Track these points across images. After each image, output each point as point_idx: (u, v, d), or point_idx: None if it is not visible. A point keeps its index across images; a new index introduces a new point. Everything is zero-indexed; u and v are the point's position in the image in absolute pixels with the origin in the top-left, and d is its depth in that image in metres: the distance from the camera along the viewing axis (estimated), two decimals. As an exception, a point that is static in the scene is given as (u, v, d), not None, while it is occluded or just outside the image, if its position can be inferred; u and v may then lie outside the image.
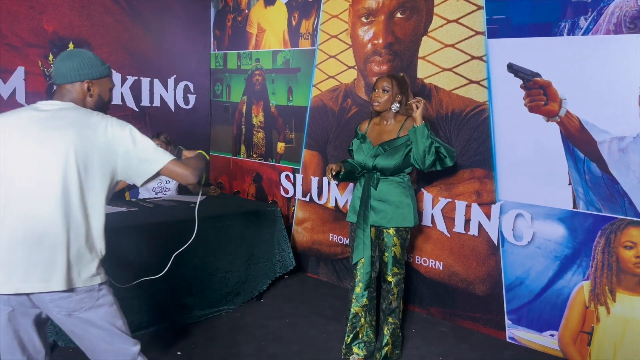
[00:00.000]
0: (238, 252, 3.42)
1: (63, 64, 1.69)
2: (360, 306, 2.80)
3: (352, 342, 2.83)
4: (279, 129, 4.34)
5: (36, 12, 3.64)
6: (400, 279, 2.78)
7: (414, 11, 3.40)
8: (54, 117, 1.62)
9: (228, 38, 4.70)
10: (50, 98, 1.93)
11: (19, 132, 1.59)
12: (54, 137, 1.58)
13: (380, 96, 2.72)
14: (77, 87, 1.70)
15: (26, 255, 1.53)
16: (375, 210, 2.72)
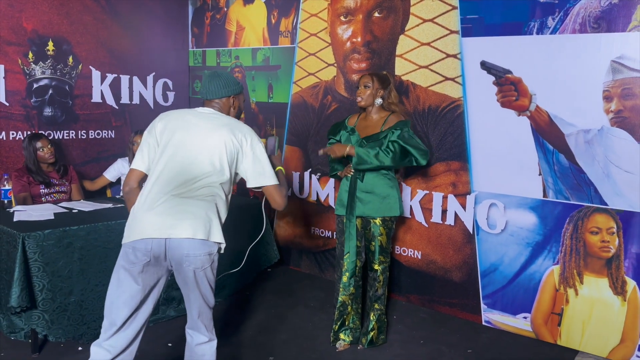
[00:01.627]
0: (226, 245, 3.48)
1: (212, 83, 2.13)
2: (347, 295, 2.93)
3: (339, 329, 2.95)
4: (260, 125, 4.42)
5: (15, 11, 3.61)
6: (386, 267, 2.92)
7: (391, 11, 3.52)
8: (213, 117, 2.08)
9: (207, 35, 4.74)
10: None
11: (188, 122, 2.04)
12: (213, 130, 2.02)
13: (362, 92, 2.86)
14: (224, 100, 2.16)
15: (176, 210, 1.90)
16: (363, 202, 2.84)
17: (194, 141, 1.98)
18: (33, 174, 3.35)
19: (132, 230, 1.90)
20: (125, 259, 1.89)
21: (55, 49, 3.84)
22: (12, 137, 3.68)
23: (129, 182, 2.05)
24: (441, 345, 3.02)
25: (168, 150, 1.97)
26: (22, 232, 2.58)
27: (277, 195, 2.08)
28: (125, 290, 1.89)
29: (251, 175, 2.05)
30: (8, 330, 2.81)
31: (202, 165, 1.96)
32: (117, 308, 1.90)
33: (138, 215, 1.91)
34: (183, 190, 1.92)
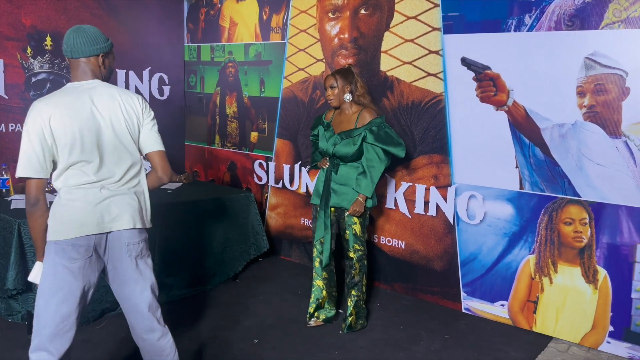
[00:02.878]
0: (214, 235, 3.63)
1: (77, 39, 1.88)
2: (321, 279, 3.12)
3: (315, 311, 3.13)
4: (252, 119, 4.54)
5: (14, 7, 3.74)
6: (362, 255, 3.05)
7: (377, 8, 3.63)
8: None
9: (201, 31, 4.86)
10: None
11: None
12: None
13: (331, 94, 2.98)
14: (92, 60, 1.91)
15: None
16: (337, 193, 2.98)
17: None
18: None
19: (69, 226, 1.81)
20: (63, 256, 1.81)
21: (53, 44, 3.97)
22: (11, 129, 3.81)
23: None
24: (420, 331, 3.15)
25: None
26: (18, 219, 2.72)
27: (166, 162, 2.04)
28: (64, 287, 1.82)
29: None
30: (5, 312, 2.97)
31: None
32: (59, 308, 1.81)
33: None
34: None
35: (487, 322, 3.30)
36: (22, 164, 1.78)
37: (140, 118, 1.96)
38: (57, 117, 1.79)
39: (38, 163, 1.77)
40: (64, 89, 1.90)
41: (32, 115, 1.80)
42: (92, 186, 1.84)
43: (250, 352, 2.83)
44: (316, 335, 3.05)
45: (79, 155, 1.82)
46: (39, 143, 1.77)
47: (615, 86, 2.78)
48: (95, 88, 1.90)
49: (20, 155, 1.79)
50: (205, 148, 4.98)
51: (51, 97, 1.86)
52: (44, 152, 1.78)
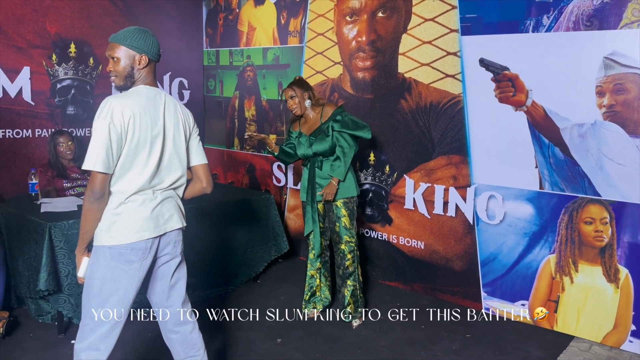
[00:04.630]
0: (236, 237, 3.69)
1: (149, 38, 1.96)
2: (315, 269, 3.34)
3: (310, 298, 3.35)
4: (271, 122, 4.60)
5: (39, 15, 3.85)
6: (353, 246, 3.17)
7: (394, 11, 3.67)
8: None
9: (220, 36, 4.93)
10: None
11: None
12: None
13: (293, 104, 3.14)
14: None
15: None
16: (322, 187, 3.14)
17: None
18: (55, 169, 3.58)
19: (129, 231, 1.87)
20: (120, 259, 1.86)
21: (77, 50, 4.07)
22: (38, 134, 3.92)
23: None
24: (441, 330, 3.17)
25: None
26: (49, 222, 2.80)
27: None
28: (120, 289, 1.88)
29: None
30: (36, 313, 3.06)
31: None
32: (115, 307, 1.88)
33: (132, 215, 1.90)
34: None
35: (507, 321, 3.32)
36: (93, 158, 1.76)
37: (190, 132, 2.06)
38: (135, 119, 1.82)
39: (108, 158, 1.77)
40: (139, 92, 1.91)
41: (112, 111, 1.78)
42: (147, 192, 1.90)
43: (273, 352, 2.88)
44: (337, 334, 3.10)
45: (140, 162, 1.86)
46: (116, 140, 1.78)
47: (635, 85, 2.79)
48: (163, 97, 1.96)
49: (91, 148, 1.76)
50: (224, 151, 5.05)
51: (128, 98, 1.86)
52: (115, 148, 1.79)
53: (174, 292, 2.07)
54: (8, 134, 3.78)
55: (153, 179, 1.91)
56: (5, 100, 3.74)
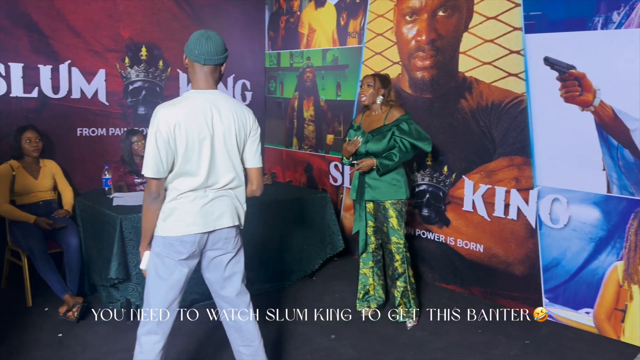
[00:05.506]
0: (293, 234, 3.77)
1: (209, 45, 1.97)
2: (368, 268, 3.36)
3: (363, 297, 3.38)
4: (328, 122, 4.66)
5: (114, 21, 4.10)
6: (401, 247, 3.16)
7: (455, 9, 3.62)
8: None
9: (281, 38, 5.05)
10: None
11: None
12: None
13: (366, 91, 3.14)
14: (219, 68, 2.06)
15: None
16: (372, 187, 3.15)
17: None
18: (128, 165, 3.80)
19: (179, 225, 1.98)
20: (170, 250, 1.98)
21: (147, 54, 4.30)
22: (112, 133, 4.18)
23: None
24: (499, 335, 3.10)
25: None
26: (120, 214, 2.99)
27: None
28: (171, 276, 2.00)
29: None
30: (107, 300, 3.26)
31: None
32: (167, 294, 2.00)
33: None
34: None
35: (570, 329, 3.19)
36: (148, 165, 1.91)
37: (247, 133, 2.09)
38: (180, 125, 1.90)
39: (157, 165, 1.91)
40: (188, 97, 1.98)
41: (157, 120, 1.90)
42: (199, 191, 2.00)
43: (328, 347, 2.92)
44: (392, 334, 3.10)
45: (192, 164, 1.95)
46: (164, 147, 1.90)
47: None
48: (216, 100, 1.99)
49: (145, 156, 1.92)
50: (283, 150, 5.17)
51: (176, 104, 1.94)
52: (166, 156, 1.91)
53: (228, 284, 2.14)
54: (85, 132, 4.05)
55: (207, 179, 1.98)
56: (83, 100, 4.02)
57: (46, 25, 3.78)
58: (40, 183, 3.50)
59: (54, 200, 3.58)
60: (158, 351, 2.01)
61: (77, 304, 3.08)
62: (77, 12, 3.91)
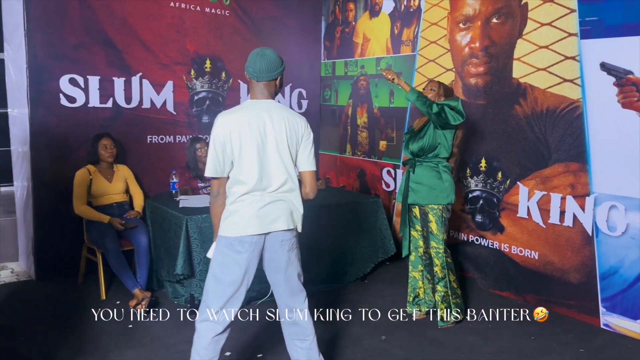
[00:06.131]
0: (345, 237, 3.89)
1: (262, 62, 2.16)
2: (417, 271, 3.41)
3: (413, 300, 3.43)
4: (381, 128, 4.76)
5: (181, 36, 4.40)
6: (440, 252, 3.19)
7: (509, 16, 3.63)
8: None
9: (336, 48, 5.21)
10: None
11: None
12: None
13: (427, 93, 3.20)
14: (271, 83, 2.24)
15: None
16: (414, 191, 3.21)
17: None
18: (192, 171, 4.06)
19: (237, 226, 2.14)
20: (231, 249, 2.15)
21: (211, 66, 4.58)
22: (178, 140, 4.48)
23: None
24: (552, 343, 3.07)
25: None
26: (186, 215, 3.23)
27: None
28: (230, 273, 2.16)
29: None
30: (173, 295, 3.51)
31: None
32: (225, 289, 2.16)
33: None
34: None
35: (628, 339, 3.11)
36: (209, 166, 2.14)
37: (300, 139, 2.24)
38: (236, 132, 2.10)
39: (216, 165, 2.14)
40: (244, 106, 2.20)
41: (216, 126, 2.13)
42: (255, 194, 2.16)
43: (378, 348, 3.01)
44: (442, 337, 3.14)
45: (247, 168, 2.14)
46: (221, 151, 2.12)
47: None
48: (270, 108, 2.17)
49: (207, 159, 2.15)
50: (337, 156, 5.30)
51: (233, 112, 2.16)
52: (224, 158, 2.13)
53: (287, 283, 2.28)
54: (154, 139, 4.37)
55: (261, 182, 2.15)
56: (152, 110, 4.33)
57: (120, 41, 4.11)
58: (114, 186, 3.81)
59: (126, 202, 3.89)
60: (211, 337, 2.18)
61: (145, 298, 3.33)
62: (148, 28, 4.23)
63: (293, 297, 2.31)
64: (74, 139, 3.93)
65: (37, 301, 3.54)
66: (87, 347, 2.89)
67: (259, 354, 2.89)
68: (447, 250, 3.23)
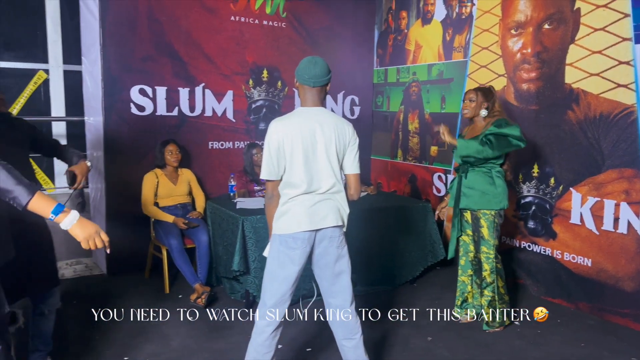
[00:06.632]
0: (394, 240, 3.99)
1: (317, 68, 2.30)
2: (466, 276, 3.44)
3: (462, 304, 3.48)
4: (433, 134, 4.81)
5: (241, 48, 4.67)
6: (490, 258, 3.20)
7: (562, 22, 3.62)
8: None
9: (389, 55, 5.32)
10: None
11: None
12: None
13: (467, 106, 3.24)
14: (322, 89, 2.38)
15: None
16: (466, 196, 3.24)
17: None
18: (249, 175, 4.29)
19: (291, 224, 2.29)
20: (285, 246, 2.29)
21: (268, 75, 4.82)
22: (237, 146, 4.74)
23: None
24: (603, 350, 3.04)
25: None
26: (242, 216, 3.45)
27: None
28: (286, 269, 2.30)
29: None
30: (230, 291, 3.74)
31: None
32: (280, 285, 2.30)
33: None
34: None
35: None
36: (264, 170, 2.30)
37: (347, 144, 2.39)
38: (289, 137, 2.25)
39: (273, 169, 2.31)
40: (297, 113, 2.34)
41: (270, 132, 2.28)
42: (306, 194, 2.32)
43: (423, 348, 3.09)
44: (489, 340, 3.18)
45: (299, 172, 2.29)
46: (275, 155, 2.29)
47: None
48: (320, 115, 2.32)
49: (262, 162, 2.32)
50: (388, 162, 5.40)
51: (286, 119, 2.31)
52: (278, 162, 2.30)
53: (335, 281, 2.40)
54: (215, 145, 4.65)
55: (311, 184, 2.30)
56: (214, 118, 4.62)
57: (185, 54, 4.43)
58: (178, 188, 4.10)
59: (189, 203, 4.17)
60: (270, 332, 2.33)
61: (205, 292, 3.57)
62: (210, 41, 4.52)
63: (340, 296, 2.41)
64: (142, 145, 4.27)
65: (107, 293, 3.88)
66: (151, 335, 3.16)
67: (309, 348, 3.05)
68: (498, 256, 3.25)
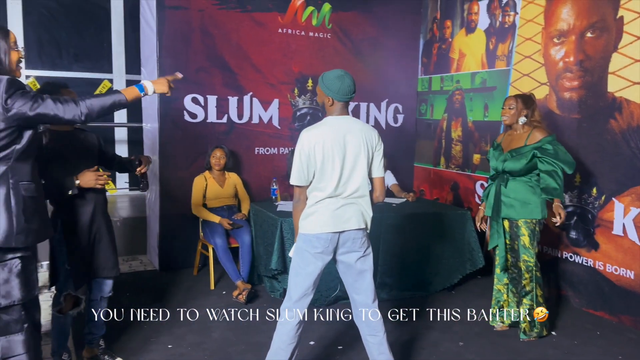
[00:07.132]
0: (432, 246, 4.04)
1: (345, 83, 2.42)
2: (502, 284, 3.42)
3: (497, 312, 3.47)
4: (475, 142, 4.82)
5: (287, 58, 4.89)
6: (531, 266, 3.18)
7: (604, 30, 3.57)
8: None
9: (433, 64, 5.38)
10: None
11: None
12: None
13: (507, 113, 3.24)
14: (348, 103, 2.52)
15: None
16: (506, 205, 3.23)
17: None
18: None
19: (315, 225, 2.43)
20: (309, 245, 2.43)
21: (312, 85, 5.00)
22: (282, 152, 4.95)
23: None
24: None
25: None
26: (281, 217, 3.64)
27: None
28: (308, 266, 2.44)
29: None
30: (270, 289, 3.93)
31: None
32: (304, 280, 2.44)
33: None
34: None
35: None
36: (294, 176, 2.45)
37: (373, 150, 2.52)
38: (320, 145, 2.39)
39: (302, 176, 2.45)
40: (326, 122, 2.46)
41: (302, 141, 2.42)
42: (332, 198, 2.46)
43: (454, 352, 3.13)
44: (521, 348, 3.17)
45: (327, 176, 2.44)
46: (306, 162, 2.41)
47: None
48: (348, 123, 2.45)
49: (292, 169, 2.46)
50: (431, 169, 5.44)
51: (316, 129, 2.43)
52: (308, 169, 2.44)
53: (360, 279, 2.52)
54: (261, 151, 4.88)
55: (337, 188, 2.44)
56: (261, 125, 4.85)
57: (235, 65, 4.69)
58: (225, 191, 4.34)
59: (234, 205, 4.41)
60: (295, 324, 2.48)
61: (246, 289, 3.78)
62: (258, 52, 4.76)
63: (363, 293, 2.52)
64: (194, 150, 4.56)
65: (158, 287, 4.16)
66: (194, 327, 3.39)
67: (340, 346, 3.17)
68: (538, 264, 3.24)
